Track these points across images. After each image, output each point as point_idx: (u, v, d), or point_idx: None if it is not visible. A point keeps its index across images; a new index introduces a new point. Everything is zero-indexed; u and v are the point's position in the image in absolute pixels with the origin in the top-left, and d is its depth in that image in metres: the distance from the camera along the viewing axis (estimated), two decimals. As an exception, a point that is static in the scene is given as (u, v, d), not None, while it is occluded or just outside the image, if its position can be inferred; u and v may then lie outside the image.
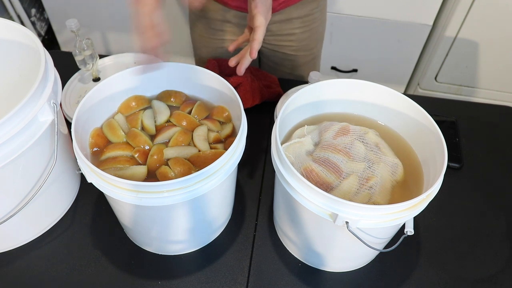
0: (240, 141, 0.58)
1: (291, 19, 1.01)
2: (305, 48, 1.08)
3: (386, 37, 1.65)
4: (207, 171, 0.52)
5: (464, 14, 1.51)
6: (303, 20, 1.02)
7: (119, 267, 0.67)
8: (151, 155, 0.61)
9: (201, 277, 0.66)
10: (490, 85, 1.75)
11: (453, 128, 0.92)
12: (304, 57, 1.10)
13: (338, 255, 0.64)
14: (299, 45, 1.07)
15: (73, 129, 0.55)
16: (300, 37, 1.05)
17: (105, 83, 0.64)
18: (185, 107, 0.69)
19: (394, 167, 0.60)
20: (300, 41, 1.06)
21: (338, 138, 0.62)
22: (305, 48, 1.08)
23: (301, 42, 1.06)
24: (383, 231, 0.57)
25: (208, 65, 0.96)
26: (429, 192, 0.51)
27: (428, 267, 0.69)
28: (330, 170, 0.58)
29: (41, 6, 2.02)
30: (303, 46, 1.07)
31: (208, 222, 0.66)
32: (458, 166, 0.84)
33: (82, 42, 0.86)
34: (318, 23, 1.06)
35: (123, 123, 0.67)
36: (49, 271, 0.66)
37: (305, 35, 1.05)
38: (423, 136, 0.62)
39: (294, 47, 1.07)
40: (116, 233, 0.71)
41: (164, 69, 0.68)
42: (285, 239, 0.70)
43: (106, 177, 0.51)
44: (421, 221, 0.75)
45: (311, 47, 1.10)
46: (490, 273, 0.69)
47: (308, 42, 1.08)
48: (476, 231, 0.75)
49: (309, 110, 0.69)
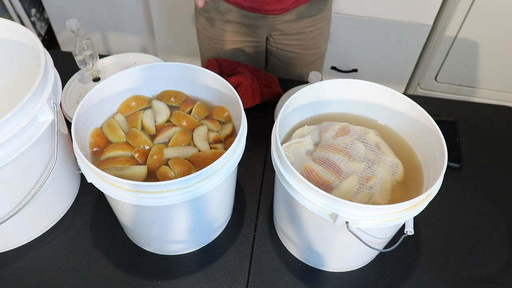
0: (240, 141, 0.58)
1: (302, 18, 1.01)
2: (313, 46, 1.09)
3: (386, 37, 1.65)
4: (207, 171, 0.52)
5: (464, 14, 1.51)
6: (313, 19, 1.03)
7: (119, 267, 0.67)
8: (151, 155, 0.61)
9: (201, 277, 0.66)
10: (490, 85, 1.74)
11: (453, 128, 0.92)
12: (312, 56, 1.11)
13: (338, 255, 0.64)
14: (308, 44, 1.07)
15: (73, 129, 0.55)
16: (309, 36, 1.06)
17: (105, 83, 0.64)
18: (185, 107, 0.69)
19: (394, 167, 0.60)
20: (309, 39, 1.06)
21: (338, 138, 0.62)
22: (314, 46, 1.09)
23: (310, 41, 1.07)
24: (383, 231, 0.57)
25: (208, 65, 0.96)
26: (429, 192, 0.51)
27: (428, 267, 0.69)
28: (330, 170, 0.58)
29: (41, 6, 2.02)
30: (312, 44, 1.08)
31: (208, 222, 0.66)
32: (458, 166, 0.84)
33: (82, 42, 0.86)
34: (326, 22, 1.07)
35: (123, 123, 0.67)
36: (49, 271, 0.66)
37: (314, 34, 1.06)
38: (423, 136, 0.62)
39: (303, 46, 1.08)
40: (116, 233, 0.71)
41: (164, 69, 0.68)
42: (285, 239, 0.70)
43: (106, 177, 0.51)
44: (421, 221, 0.75)
45: (319, 46, 1.10)
46: (490, 273, 0.69)
47: (316, 41, 1.08)
48: (476, 231, 0.75)
49: (309, 110, 0.69)
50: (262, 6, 0.97)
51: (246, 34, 1.04)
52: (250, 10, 0.98)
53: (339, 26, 1.63)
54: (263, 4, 0.96)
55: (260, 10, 0.98)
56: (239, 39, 1.05)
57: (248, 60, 1.10)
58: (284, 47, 1.08)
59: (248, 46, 1.07)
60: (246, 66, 0.98)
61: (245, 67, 0.97)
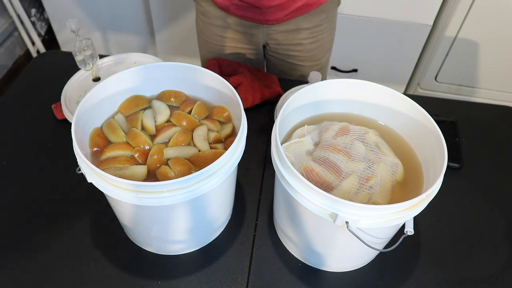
0: (240, 141, 0.58)
1: (299, 30, 0.99)
2: (312, 58, 1.07)
3: (386, 37, 1.65)
4: (207, 171, 0.52)
5: (464, 14, 1.51)
6: (312, 31, 1.00)
7: (119, 267, 0.67)
8: (151, 155, 0.61)
9: (201, 277, 0.66)
10: (490, 85, 1.75)
11: (453, 128, 0.92)
12: (311, 67, 1.09)
13: (338, 255, 0.64)
14: (306, 56, 1.05)
15: (73, 129, 0.55)
16: (307, 48, 1.04)
17: (105, 83, 0.64)
18: (185, 107, 0.69)
19: (394, 167, 0.60)
20: (308, 51, 1.05)
21: (338, 138, 0.62)
22: (313, 58, 1.07)
23: (309, 53, 1.05)
24: (383, 231, 0.57)
25: (208, 65, 0.96)
26: (429, 192, 0.51)
27: (428, 267, 0.69)
28: (330, 170, 0.58)
29: (41, 6, 2.03)
30: (311, 56, 1.06)
31: (208, 222, 0.66)
32: (458, 166, 0.84)
33: (82, 42, 0.86)
34: (326, 34, 1.05)
35: (123, 123, 0.66)
36: (49, 271, 0.66)
37: (313, 46, 1.04)
38: (423, 136, 0.62)
39: (302, 57, 1.06)
40: (116, 233, 0.71)
41: (164, 69, 0.68)
42: (285, 239, 0.70)
43: (106, 177, 0.51)
44: (421, 221, 0.75)
45: (319, 58, 1.08)
46: (490, 273, 0.69)
47: (316, 53, 1.06)
48: (476, 231, 0.75)
49: (309, 110, 0.69)
50: (255, 15, 0.95)
51: (243, 41, 1.03)
52: (243, 18, 0.97)
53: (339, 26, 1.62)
54: (256, 14, 0.95)
55: (253, 20, 0.97)
56: (236, 45, 1.04)
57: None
58: (281, 57, 1.07)
59: (245, 52, 1.06)
60: (246, 66, 0.98)
61: (245, 67, 0.97)
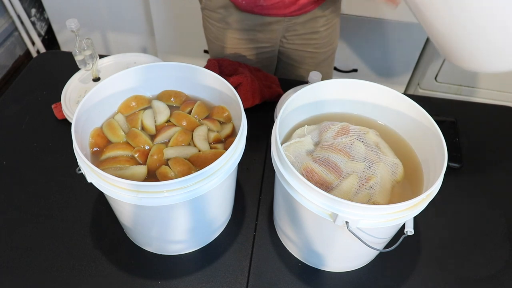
0: (240, 141, 0.58)
1: (317, 18, 1.01)
2: (326, 44, 1.09)
3: (386, 37, 1.65)
4: (207, 171, 0.52)
5: (464, 14, 1.50)
6: (327, 18, 1.03)
7: (119, 267, 0.67)
8: (151, 155, 0.61)
9: (201, 277, 0.66)
10: (490, 85, 1.74)
11: (453, 128, 0.92)
12: (325, 53, 1.11)
13: (338, 255, 0.64)
14: (321, 42, 1.07)
15: (73, 129, 0.55)
16: (323, 34, 1.06)
17: (105, 83, 0.64)
18: (185, 107, 0.69)
19: (394, 167, 0.60)
20: (323, 38, 1.06)
21: (338, 138, 0.62)
22: (327, 44, 1.09)
23: (324, 39, 1.07)
24: (383, 231, 0.57)
25: (208, 65, 0.96)
26: (429, 192, 0.51)
27: (428, 267, 0.69)
28: (330, 170, 0.58)
29: (41, 6, 2.03)
30: (325, 42, 1.08)
31: (208, 222, 0.66)
32: (458, 166, 0.84)
33: (82, 42, 0.86)
34: (337, 18, 1.07)
35: (123, 123, 0.66)
36: (49, 271, 0.66)
37: (328, 32, 1.06)
38: (423, 136, 0.62)
39: (318, 44, 1.07)
40: (116, 233, 0.71)
41: (164, 69, 0.68)
42: (285, 239, 0.70)
43: (106, 177, 0.51)
44: (421, 221, 0.75)
45: (332, 42, 1.10)
46: (490, 273, 0.69)
47: (329, 38, 1.08)
48: (476, 231, 0.75)
49: (309, 110, 0.69)
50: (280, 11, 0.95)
51: (261, 40, 1.03)
52: (268, 15, 0.97)
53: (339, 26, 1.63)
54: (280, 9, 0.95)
55: (278, 15, 0.97)
56: (254, 45, 1.04)
57: (261, 64, 1.09)
58: (297, 47, 1.08)
59: (260, 51, 1.07)
60: (246, 66, 0.98)
61: (245, 67, 0.97)
